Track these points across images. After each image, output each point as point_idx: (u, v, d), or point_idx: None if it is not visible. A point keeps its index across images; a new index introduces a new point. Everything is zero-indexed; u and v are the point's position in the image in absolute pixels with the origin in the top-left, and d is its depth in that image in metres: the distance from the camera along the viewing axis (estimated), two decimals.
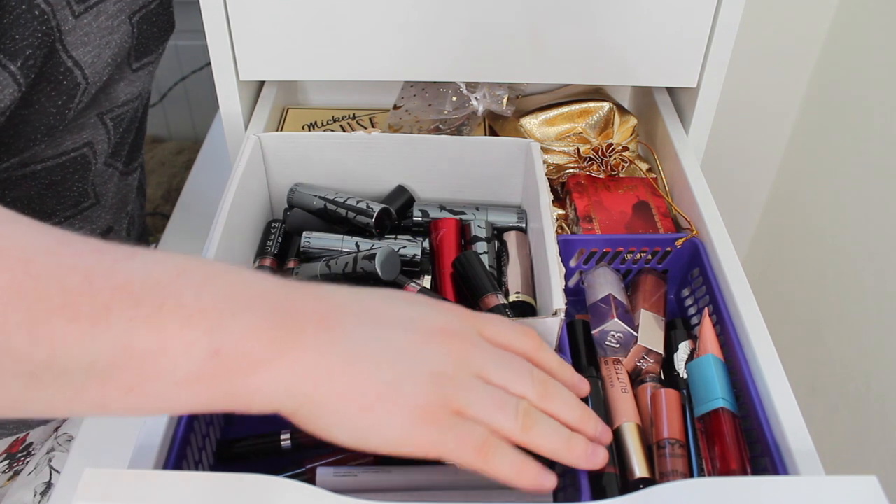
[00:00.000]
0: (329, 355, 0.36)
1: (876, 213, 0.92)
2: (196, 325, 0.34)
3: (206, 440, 0.51)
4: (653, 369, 0.56)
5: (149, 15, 0.65)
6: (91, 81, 0.60)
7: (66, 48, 0.57)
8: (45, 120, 0.58)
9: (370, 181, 0.66)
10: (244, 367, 0.35)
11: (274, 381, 0.36)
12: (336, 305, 0.39)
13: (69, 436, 0.77)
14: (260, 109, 0.72)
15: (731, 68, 0.66)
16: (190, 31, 0.82)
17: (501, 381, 0.41)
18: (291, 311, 0.37)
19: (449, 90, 0.73)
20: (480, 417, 0.39)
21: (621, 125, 0.70)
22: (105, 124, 0.66)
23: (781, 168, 1.17)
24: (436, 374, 0.39)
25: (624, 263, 0.63)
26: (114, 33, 0.61)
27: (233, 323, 0.35)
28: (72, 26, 0.56)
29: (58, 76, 0.57)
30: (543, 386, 0.42)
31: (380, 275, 0.53)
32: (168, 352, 0.33)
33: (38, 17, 0.54)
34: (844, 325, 0.99)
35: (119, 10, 0.61)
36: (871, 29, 0.94)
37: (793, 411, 0.46)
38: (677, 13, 0.63)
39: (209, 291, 0.35)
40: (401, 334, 0.40)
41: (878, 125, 0.93)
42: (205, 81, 1.56)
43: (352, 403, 0.37)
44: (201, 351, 0.34)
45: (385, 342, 0.39)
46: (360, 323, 0.39)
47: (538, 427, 0.41)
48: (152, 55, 0.69)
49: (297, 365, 0.36)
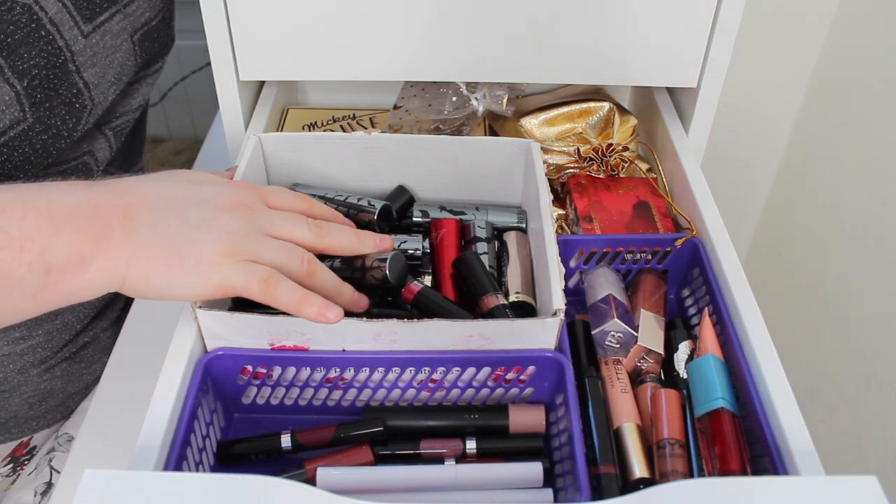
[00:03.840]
0: (134, 242, 0.45)
1: (876, 213, 0.92)
2: (29, 250, 0.42)
3: (206, 441, 0.51)
4: (653, 369, 0.56)
5: (150, 32, 0.65)
6: (97, 102, 0.60)
7: (79, 69, 0.57)
8: (58, 143, 0.58)
9: (370, 181, 0.66)
10: (72, 272, 0.44)
11: (97, 275, 0.44)
12: (136, 199, 0.46)
13: (69, 436, 0.77)
14: (260, 109, 0.72)
15: (731, 68, 0.66)
16: (190, 31, 0.81)
17: (286, 233, 0.49)
18: (99, 214, 0.45)
19: (449, 90, 0.73)
20: (269, 261, 0.47)
21: (621, 125, 0.70)
22: (105, 135, 0.66)
23: (781, 168, 1.17)
24: (229, 232, 0.47)
25: (624, 263, 0.63)
26: (116, 52, 0.61)
27: (57, 241, 0.43)
28: (82, 46, 0.56)
29: (70, 98, 0.57)
30: (319, 227, 0.51)
31: (390, 280, 0.53)
32: (13, 277, 0.42)
33: (44, 38, 0.54)
34: (844, 325, 0.99)
35: (122, 28, 0.61)
36: (871, 29, 0.94)
37: (793, 411, 0.46)
38: (677, 13, 0.63)
39: (31, 219, 0.43)
40: (196, 212, 0.47)
41: (878, 125, 0.93)
42: (205, 81, 1.56)
43: (158, 270, 0.45)
44: (38, 271, 0.42)
45: (182, 220, 0.46)
46: (158, 209, 0.46)
47: (321, 272, 0.49)
48: (151, 68, 0.69)
49: (111, 256, 0.44)
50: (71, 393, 0.77)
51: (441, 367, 0.52)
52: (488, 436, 0.53)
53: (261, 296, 0.46)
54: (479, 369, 0.52)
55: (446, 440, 0.52)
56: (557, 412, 0.52)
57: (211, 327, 0.50)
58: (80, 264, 0.44)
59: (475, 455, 0.52)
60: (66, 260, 0.43)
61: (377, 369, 0.52)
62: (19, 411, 0.74)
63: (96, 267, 0.44)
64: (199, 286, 0.46)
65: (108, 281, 0.45)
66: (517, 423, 0.53)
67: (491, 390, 0.54)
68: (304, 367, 0.52)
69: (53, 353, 0.72)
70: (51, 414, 0.76)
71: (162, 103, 1.52)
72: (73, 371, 0.75)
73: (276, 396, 0.55)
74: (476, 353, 0.51)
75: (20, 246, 0.42)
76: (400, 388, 0.54)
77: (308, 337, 0.50)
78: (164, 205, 0.47)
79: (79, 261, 0.44)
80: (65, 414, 0.78)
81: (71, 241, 0.43)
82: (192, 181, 0.50)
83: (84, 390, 0.78)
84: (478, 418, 0.53)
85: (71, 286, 0.44)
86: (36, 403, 0.74)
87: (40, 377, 0.73)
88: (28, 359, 0.70)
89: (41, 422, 0.76)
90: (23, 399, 0.73)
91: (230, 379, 0.53)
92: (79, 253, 0.43)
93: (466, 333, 0.50)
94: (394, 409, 0.54)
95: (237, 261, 0.46)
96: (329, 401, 0.55)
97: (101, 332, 0.77)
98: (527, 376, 0.53)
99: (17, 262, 0.42)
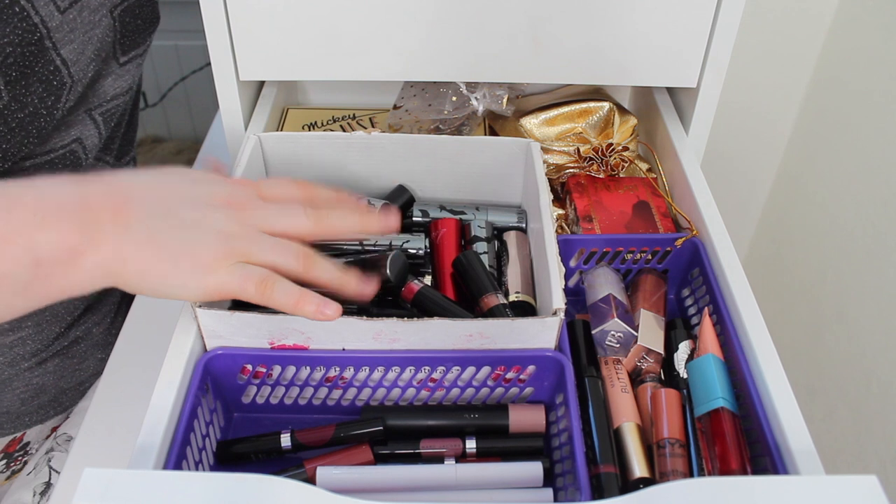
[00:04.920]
0: (127, 241, 0.44)
1: (876, 213, 0.92)
2: (14, 243, 0.42)
3: (206, 440, 0.51)
4: (653, 369, 0.56)
5: (131, 7, 0.65)
6: (76, 79, 0.59)
7: (56, 45, 0.56)
8: (37, 122, 0.58)
9: (370, 181, 0.66)
10: (63, 265, 0.43)
11: (90, 269, 0.44)
12: (128, 196, 0.45)
13: (68, 436, 0.77)
14: (260, 109, 0.72)
15: (731, 68, 0.66)
16: (190, 31, 0.82)
17: (281, 226, 0.48)
18: (89, 210, 0.44)
19: (449, 90, 0.73)
20: (264, 260, 0.46)
21: (621, 125, 0.70)
22: (94, 120, 0.65)
23: (781, 168, 1.17)
24: (222, 234, 0.46)
25: (624, 263, 0.63)
26: (95, 28, 0.60)
27: (45, 234, 0.42)
28: (59, 22, 0.56)
29: (48, 75, 0.57)
30: (317, 214, 0.49)
31: (391, 280, 0.53)
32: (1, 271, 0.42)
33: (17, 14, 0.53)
34: (844, 325, 0.99)
35: (100, 3, 0.60)
36: (871, 29, 0.94)
37: (793, 411, 0.46)
38: (677, 13, 0.63)
39: (18, 213, 0.42)
40: (189, 211, 0.46)
41: (878, 125, 0.93)
42: (205, 81, 1.56)
43: (153, 272, 0.45)
44: (26, 264, 0.42)
45: (175, 218, 0.46)
46: (151, 207, 0.46)
47: (319, 265, 0.48)
48: (139, 48, 0.68)
49: (102, 250, 0.43)
50: (64, 389, 0.77)
51: (441, 367, 0.52)
52: (488, 435, 0.53)
53: (258, 298, 0.46)
54: (478, 369, 0.52)
55: (446, 440, 0.52)
56: (557, 412, 0.52)
57: (211, 326, 0.50)
58: (72, 258, 0.43)
59: (475, 455, 0.52)
60: (55, 253, 0.43)
61: (377, 368, 0.52)
62: (11, 407, 0.73)
63: (88, 261, 0.43)
64: (194, 290, 0.45)
65: (102, 276, 0.44)
66: (517, 422, 0.53)
67: (491, 390, 0.54)
68: (304, 367, 0.52)
69: (45, 346, 0.72)
70: (43, 410, 0.76)
71: (162, 103, 1.52)
72: (66, 366, 0.75)
73: (275, 396, 0.55)
74: (476, 352, 0.51)
75: (5, 239, 0.42)
76: (400, 388, 0.54)
77: (308, 336, 0.51)
78: (157, 202, 0.46)
79: (69, 254, 0.43)
80: (58, 410, 0.78)
81: (60, 235, 0.43)
82: (185, 179, 0.49)
83: (77, 386, 0.78)
84: (478, 418, 0.53)
85: (63, 280, 0.43)
86: (28, 399, 0.74)
87: (32, 372, 0.72)
88: (18, 351, 0.70)
89: (34, 417, 0.76)
90: (15, 394, 0.73)
91: (230, 378, 0.53)
92: (69, 246, 0.43)
93: (466, 333, 0.50)
94: (393, 409, 0.54)
95: (232, 263, 0.45)
96: (329, 400, 0.55)
97: (93, 326, 0.77)
98: (527, 376, 0.53)
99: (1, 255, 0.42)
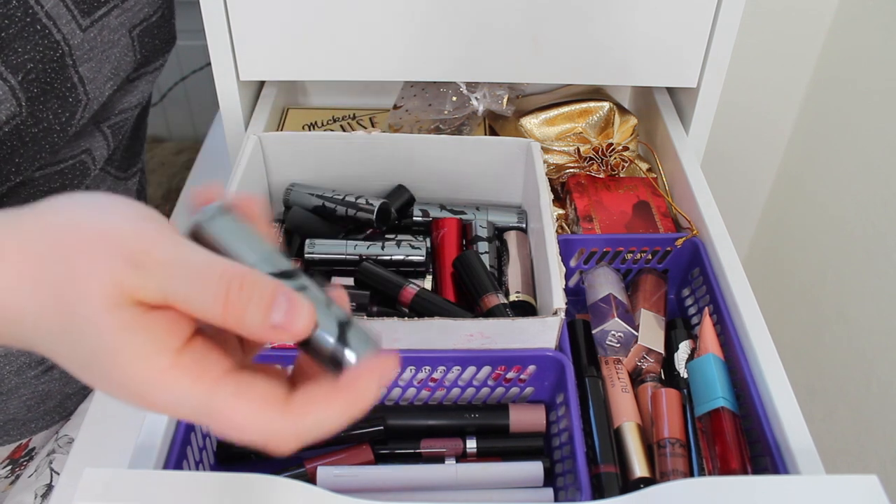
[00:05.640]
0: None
1: (876, 213, 0.92)
2: None
3: (206, 440, 0.51)
4: (653, 369, 0.56)
5: (150, 28, 0.65)
6: (92, 97, 0.60)
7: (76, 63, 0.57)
8: (49, 138, 0.58)
9: (370, 181, 0.66)
10: None
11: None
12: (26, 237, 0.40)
13: (69, 437, 0.77)
14: (260, 109, 0.72)
15: (731, 68, 0.66)
16: (190, 31, 0.81)
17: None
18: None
19: (449, 90, 0.73)
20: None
21: (621, 125, 0.70)
22: (103, 132, 0.66)
23: (781, 168, 1.17)
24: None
25: (624, 263, 0.63)
26: (114, 47, 0.60)
27: None
28: (80, 40, 0.56)
29: (65, 92, 0.57)
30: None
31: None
32: None
33: (39, 32, 0.53)
34: (844, 325, 0.99)
35: (120, 23, 0.61)
36: (871, 29, 0.94)
37: (793, 411, 0.46)
38: (677, 13, 0.63)
39: None
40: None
41: (878, 125, 0.93)
42: (205, 81, 1.55)
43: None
44: None
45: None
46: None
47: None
48: (151, 66, 0.69)
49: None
50: (69, 394, 0.77)
51: (441, 367, 0.52)
52: (489, 435, 0.53)
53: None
54: (479, 368, 0.52)
55: (446, 439, 0.52)
56: (558, 411, 0.52)
57: None
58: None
59: (475, 454, 0.52)
60: None
61: None
62: (18, 414, 0.73)
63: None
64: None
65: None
66: (517, 422, 0.53)
67: (491, 389, 0.54)
68: None
69: None
70: (49, 416, 0.76)
71: (162, 103, 1.51)
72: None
73: None
74: (476, 352, 0.51)
75: None
76: (400, 388, 0.54)
77: None
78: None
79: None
80: (63, 415, 0.78)
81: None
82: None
83: (82, 391, 0.78)
84: (478, 417, 0.53)
85: None
86: (34, 406, 0.74)
87: (38, 379, 0.72)
88: (24, 360, 0.70)
89: (40, 423, 0.76)
90: (21, 401, 0.73)
91: None
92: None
93: (467, 332, 0.50)
94: (394, 409, 0.54)
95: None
96: None
97: None
98: (527, 375, 0.53)
99: None
